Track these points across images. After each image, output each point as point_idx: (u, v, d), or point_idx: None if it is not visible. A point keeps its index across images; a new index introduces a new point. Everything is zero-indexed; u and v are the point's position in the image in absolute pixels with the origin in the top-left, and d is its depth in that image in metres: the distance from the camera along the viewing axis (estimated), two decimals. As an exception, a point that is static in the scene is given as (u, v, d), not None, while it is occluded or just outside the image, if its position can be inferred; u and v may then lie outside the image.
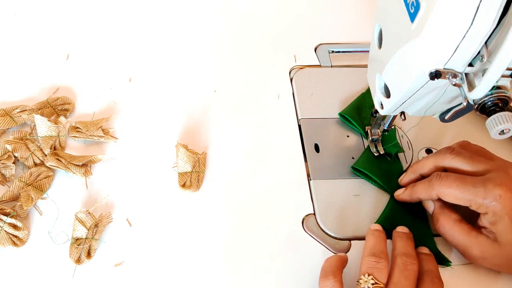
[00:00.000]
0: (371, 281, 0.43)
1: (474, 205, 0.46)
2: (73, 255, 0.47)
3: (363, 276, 0.44)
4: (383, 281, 0.43)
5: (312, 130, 0.59)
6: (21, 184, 0.50)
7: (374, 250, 0.46)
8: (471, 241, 0.47)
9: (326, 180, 0.55)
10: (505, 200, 0.44)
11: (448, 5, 0.34)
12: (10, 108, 0.56)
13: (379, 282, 0.43)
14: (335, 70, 0.65)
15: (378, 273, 0.44)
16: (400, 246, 0.47)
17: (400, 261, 0.45)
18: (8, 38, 0.65)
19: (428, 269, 0.46)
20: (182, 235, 0.51)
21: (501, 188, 0.44)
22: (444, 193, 0.47)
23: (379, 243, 0.47)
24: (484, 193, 0.45)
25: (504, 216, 0.44)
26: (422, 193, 0.49)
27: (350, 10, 0.73)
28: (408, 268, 0.44)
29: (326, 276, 0.44)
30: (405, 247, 0.47)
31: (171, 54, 0.65)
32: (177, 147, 0.54)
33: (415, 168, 0.52)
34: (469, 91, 0.38)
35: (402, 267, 0.44)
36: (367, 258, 0.45)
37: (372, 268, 0.44)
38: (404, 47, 0.39)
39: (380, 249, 0.46)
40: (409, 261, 0.45)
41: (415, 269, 0.45)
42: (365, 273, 0.44)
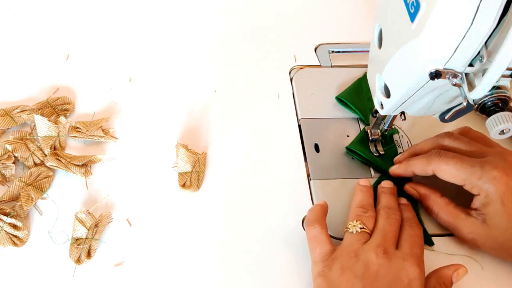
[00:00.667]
0: (359, 226, 0.47)
1: (469, 185, 0.47)
2: (73, 255, 0.47)
3: (352, 221, 0.48)
4: (370, 227, 0.47)
5: (312, 130, 0.59)
6: (21, 184, 0.50)
7: (362, 203, 0.49)
8: (460, 223, 0.49)
9: (326, 180, 0.55)
10: (499, 183, 0.45)
11: (448, 5, 0.34)
12: (10, 108, 0.56)
13: (366, 227, 0.47)
14: (335, 70, 0.65)
15: (366, 220, 0.48)
16: (384, 201, 0.50)
17: (383, 212, 0.49)
18: (8, 38, 0.65)
19: (407, 216, 0.49)
20: (182, 235, 0.51)
21: (497, 170, 0.45)
22: (440, 169, 0.48)
23: (366, 198, 0.50)
24: (481, 174, 0.46)
25: (497, 199, 0.45)
26: (418, 167, 0.51)
27: (350, 10, 0.73)
28: (391, 217, 0.48)
29: (312, 224, 0.48)
30: (389, 201, 0.50)
31: (171, 54, 0.65)
32: (177, 147, 0.54)
33: (413, 149, 0.54)
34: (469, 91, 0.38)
35: (386, 216, 0.48)
36: (356, 209, 0.49)
37: (360, 215, 0.48)
38: (404, 47, 0.39)
39: (368, 202, 0.50)
40: (392, 212, 0.48)
41: (397, 218, 0.48)
42: (353, 220, 0.48)
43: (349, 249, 0.45)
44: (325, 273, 0.45)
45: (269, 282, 0.48)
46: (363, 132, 0.58)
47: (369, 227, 0.47)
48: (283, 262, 0.49)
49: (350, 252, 0.45)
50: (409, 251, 0.45)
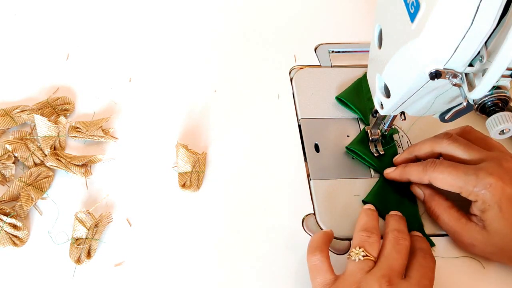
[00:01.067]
0: (362, 253, 0.44)
1: (465, 192, 0.47)
2: (73, 255, 0.47)
3: (354, 249, 0.45)
4: (374, 254, 0.44)
5: (312, 130, 0.59)
6: (21, 184, 0.50)
7: (366, 226, 0.47)
8: (460, 228, 0.48)
9: (326, 180, 0.55)
10: (495, 189, 0.45)
11: (448, 5, 0.34)
12: (10, 108, 0.56)
13: (369, 254, 0.44)
14: (335, 70, 0.65)
15: (369, 247, 0.45)
16: (393, 224, 0.48)
17: (391, 236, 0.46)
18: (8, 38, 0.65)
19: (421, 247, 0.47)
20: (182, 235, 0.51)
21: (492, 177, 0.45)
22: (436, 179, 0.48)
23: (371, 220, 0.48)
24: (475, 181, 0.45)
25: (494, 204, 0.45)
26: (414, 175, 0.50)
27: (350, 10, 0.73)
28: (400, 242, 0.45)
29: (313, 252, 0.45)
30: (398, 225, 0.48)
31: (171, 54, 0.65)
32: (177, 147, 0.54)
33: (411, 150, 0.53)
34: (469, 91, 0.38)
35: (393, 242, 0.45)
36: (359, 232, 0.46)
37: (364, 241, 0.45)
38: (404, 47, 0.39)
39: (372, 225, 0.47)
40: (401, 236, 0.46)
41: (406, 244, 0.45)
42: (356, 246, 0.45)
43: (351, 280, 0.43)
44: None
45: (269, 282, 0.48)
46: (363, 132, 0.58)
47: (373, 254, 0.44)
48: (283, 262, 0.49)
49: (352, 283, 0.43)
50: (417, 282, 0.43)
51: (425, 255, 0.46)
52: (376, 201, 0.52)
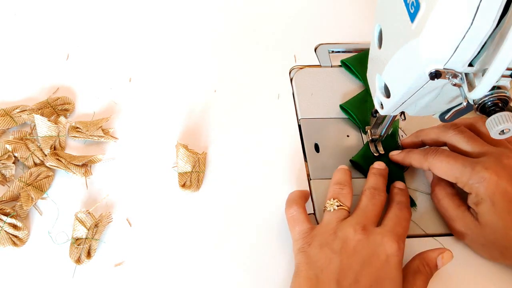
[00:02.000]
0: (336, 203, 0.48)
1: (460, 183, 0.48)
2: (73, 255, 0.47)
3: (329, 200, 0.48)
4: (347, 204, 0.48)
5: (312, 130, 0.59)
6: (21, 184, 0.50)
7: (339, 180, 0.50)
8: (457, 215, 0.49)
9: (326, 180, 0.55)
10: (489, 184, 0.46)
11: (448, 5, 0.34)
12: (10, 108, 0.56)
13: (343, 204, 0.48)
14: (335, 70, 0.65)
15: (343, 197, 0.49)
16: (371, 181, 0.51)
17: (368, 192, 0.50)
18: (8, 38, 0.65)
19: (399, 200, 0.50)
20: (182, 235, 0.51)
21: (487, 171, 0.46)
22: (435, 166, 0.49)
23: (344, 175, 0.51)
24: (470, 174, 0.47)
25: (486, 198, 0.46)
26: (416, 160, 0.52)
27: (350, 10, 0.73)
28: (375, 197, 0.49)
29: (290, 205, 0.49)
30: (375, 182, 0.51)
31: (171, 54, 0.65)
32: (177, 147, 0.54)
33: (418, 134, 0.55)
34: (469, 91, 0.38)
35: (369, 196, 0.49)
36: (333, 186, 0.50)
37: (337, 193, 0.49)
38: (404, 47, 0.39)
39: (345, 179, 0.51)
40: (377, 192, 0.49)
41: (382, 199, 0.49)
42: (331, 198, 0.49)
43: (328, 227, 0.47)
44: (305, 249, 0.46)
45: (269, 282, 0.48)
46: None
47: (346, 204, 0.48)
48: (283, 262, 0.49)
49: (328, 229, 0.46)
50: (390, 229, 0.46)
51: (402, 207, 0.49)
52: (363, 161, 0.55)
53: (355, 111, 0.59)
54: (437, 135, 0.53)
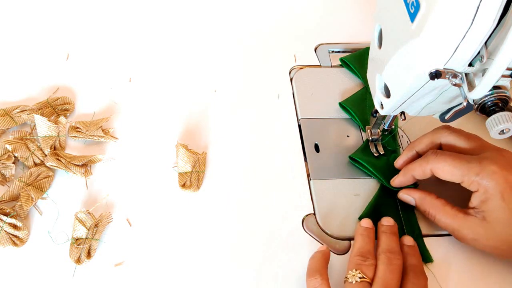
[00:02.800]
0: (359, 275, 0.45)
1: (467, 181, 0.46)
2: (73, 255, 0.47)
3: (351, 271, 0.45)
4: (370, 276, 0.45)
5: (312, 130, 0.59)
6: (21, 184, 0.50)
7: (362, 250, 0.47)
8: (459, 223, 0.48)
9: (326, 180, 0.55)
10: (499, 177, 0.44)
11: (448, 5, 0.34)
12: (10, 108, 0.56)
13: (366, 276, 0.45)
14: (335, 70, 0.65)
15: (365, 269, 0.45)
16: (385, 243, 0.48)
17: (384, 257, 0.46)
18: (8, 38, 0.65)
19: (412, 263, 0.47)
20: (182, 235, 0.51)
21: (496, 165, 0.45)
22: (438, 167, 0.48)
23: (366, 244, 0.48)
24: (479, 169, 0.45)
25: (497, 194, 0.45)
26: (417, 169, 0.50)
27: (350, 10, 0.73)
28: (393, 263, 0.46)
29: (313, 275, 0.46)
30: (390, 244, 0.48)
31: (171, 54, 0.65)
32: (177, 147, 0.54)
33: (411, 146, 0.53)
34: (469, 91, 0.38)
35: (387, 262, 0.46)
36: (355, 257, 0.47)
37: (360, 264, 0.46)
38: (404, 47, 0.39)
39: (368, 249, 0.47)
40: (394, 257, 0.46)
41: (399, 264, 0.46)
42: (353, 269, 0.45)
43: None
44: None
45: (269, 281, 0.48)
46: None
47: (369, 276, 0.45)
48: (283, 262, 0.49)
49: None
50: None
51: (416, 274, 0.46)
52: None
53: (355, 109, 0.60)
54: (431, 139, 0.51)
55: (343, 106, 0.60)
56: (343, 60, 0.64)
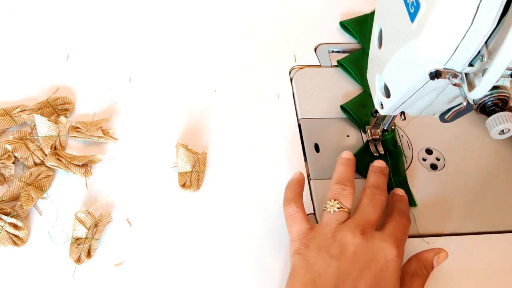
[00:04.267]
0: (337, 205, 0.47)
1: None
2: (73, 255, 0.47)
3: (330, 201, 0.47)
4: (348, 206, 0.47)
5: (312, 130, 0.59)
6: (21, 184, 0.50)
7: (341, 178, 0.48)
8: None
9: (326, 180, 0.55)
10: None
11: (448, 5, 0.34)
12: (10, 108, 0.56)
13: (344, 206, 0.46)
14: (335, 70, 0.65)
15: (344, 199, 0.47)
16: (371, 180, 0.50)
17: (369, 191, 0.48)
18: (8, 38, 0.65)
19: (399, 207, 0.49)
20: (182, 235, 0.51)
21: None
22: None
23: (346, 172, 0.49)
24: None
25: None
26: None
27: (350, 10, 0.73)
28: (375, 197, 0.47)
29: (288, 203, 0.48)
30: (376, 180, 0.49)
31: (171, 54, 0.65)
32: (177, 147, 0.54)
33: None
34: (469, 91, 0.38)
35: (370, 196, 0.47)
36: (334, 185, 0.48)
37: (338, 194, 0.47)
38: (404, 47, 0.39)
39: (347, 177, 0.49)
40: (377, 192, 0.48)
41: (382, 199, 0.47)
42: (331, 199, 0.47)
43: (327, 229, 0.46)
44: (302, 251, 0.45)
45: (269, 282, 0.48)
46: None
47: (347, 206, 0.47)
48: (283, 262, 0.49)
49: (327, 232, 0.45)
50: (390, 234, 0.45)
51: (401, 214, 0.48)
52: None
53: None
54: None
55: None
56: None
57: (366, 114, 0.60)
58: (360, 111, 0.60)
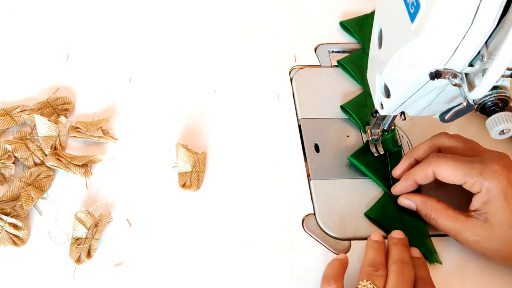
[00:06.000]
0: (370, 285, 0.43)
1: (470, 182, 0.46)
2: (73, 255, 0.47)
3: (361, 281, 0.44)
4: (380, 287, 0.44)
5: (312, 130, 0.59)
6: (21, 184, 0.50)
7: (373, 261, 0.46)
8: (461, 226, 0.47)
9: (326, 180, 0.55)
10: (500, 176, 0.44)
11: (448, 5, 0.34)
12: (10, 108, 0.56)
13: (377, 287, 0.43)
14: (335, 70, 0.65)
15: (377, 280, 0.44)
16: (396, 254, 0.47)
17: (396, 267, 0.45)
18: (8, 38, 0.65)
19: (420, 275, 0.46)
20: (182, 235, 0.51)
21: (498, 164, 0.45)
22: (440, 169, 0.48)
23: (378, 256, 0.47)
24: (481, 168, 0.45)
25: (499, 193, 0.44)
26: (418, 173, 0.50)
27: (350, 10, 0.73)
28: (404, 274, 0.44)
29: (328, 282, 0.45)
30: (401, 254, 0.47)
31: (171, 54, 0.65)
32: (177, 147, 0.54)
33: (410, 154, 0.53)
34: (469, 91, 0.38)
35: (398, 273, 0.44)
36: (367, 267, 0.45)
37: (371, 275, 0.44)
38: (404, 47, 0.39)
39: (379, 260, 0.46)
40: (405, 268, 0.45)
41: (411, 275, 0.45)
42: (364, 279, 0.44)
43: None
44: None
45: (269, 282, 0.48)
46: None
47: (380, 286, 0.44)
48: (283, 262, 0.49)
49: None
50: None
51: (425, 286, 0.45)
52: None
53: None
54: (429, 144, 0.51)
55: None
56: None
57: (366, 114, 0.60)
58: (360, 111, 0.60)
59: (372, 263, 0.46)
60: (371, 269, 0.45)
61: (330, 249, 0.50)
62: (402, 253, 0.47)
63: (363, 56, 0.65)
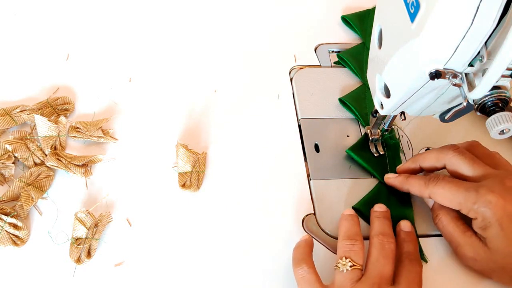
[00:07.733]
0: (349, 264, 0.45)
1: (464, 209, 0.46)
2: (73, 255, 0.47)
3: (341, 259, 0.45)
4: (360, 263, 0.45)
5: (312, 130, 0.59)
6: (21, 184, 0.50)
7: (348, 233, 0.47)
8: (465, 240, 0.47)
9: (326, 180, 0.55)
10: (496, 207, 0.44)
11: (448, 5, 0.34)
12: (10, 108, 0.56)
13: (356, 264, 0.45)
14: (335, 70, 0.65)
15: (355, 255, 0.45)
16: (377, 226, 0.48)
17: (377, 240, 0.46)
18: (8, 38, 0.65)
19: (407, 250, 0.47)
20: (182, 235, 0.51)
21: (493, 194, 0.44)
22: (436, 194, 0.48)
23: (352, 226, 0.48)
24: (475, 198, 0.44)
25: (494, 223, 0.44)
26: (415, 187, 0.50)
27: (350, 10, 0.73)
28: (385, 247, 0.46)
29: (299, 264, 0.46)
30: (382, 226, 0.48)
31: (171, 54, 0.65)
32: (177, 147, 0.54)
33: (416, 159, 0.53)
34: (469, 91, 0.38)
35: (379, 247, 0.46)
36: (343, 241, 0.47)
37: (349, 251, 0.45)
38: (404, 47, 0.39)
39: (354, 231, 0.47)
40: (386, 240, 0.46)
41: (392, 247, 0.46)
42: (342, 257, 0.45)
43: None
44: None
45: (269, 282, 0.48)
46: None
47: (359, 263, 0.45)
48: (283, 262, 0.49)
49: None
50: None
51: (411, 261, 0.46)
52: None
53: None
54: (436, 158, 0.50)
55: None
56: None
57: (365, 107, 0.60)
58: (359, 104, 0.60)
59: (348, 235, 0.47)
60: (347, 243, 0.46)
61: (330, 249, 0.50)
62: (384, 226, 0.48)
63: (363, 50, 0.65)
